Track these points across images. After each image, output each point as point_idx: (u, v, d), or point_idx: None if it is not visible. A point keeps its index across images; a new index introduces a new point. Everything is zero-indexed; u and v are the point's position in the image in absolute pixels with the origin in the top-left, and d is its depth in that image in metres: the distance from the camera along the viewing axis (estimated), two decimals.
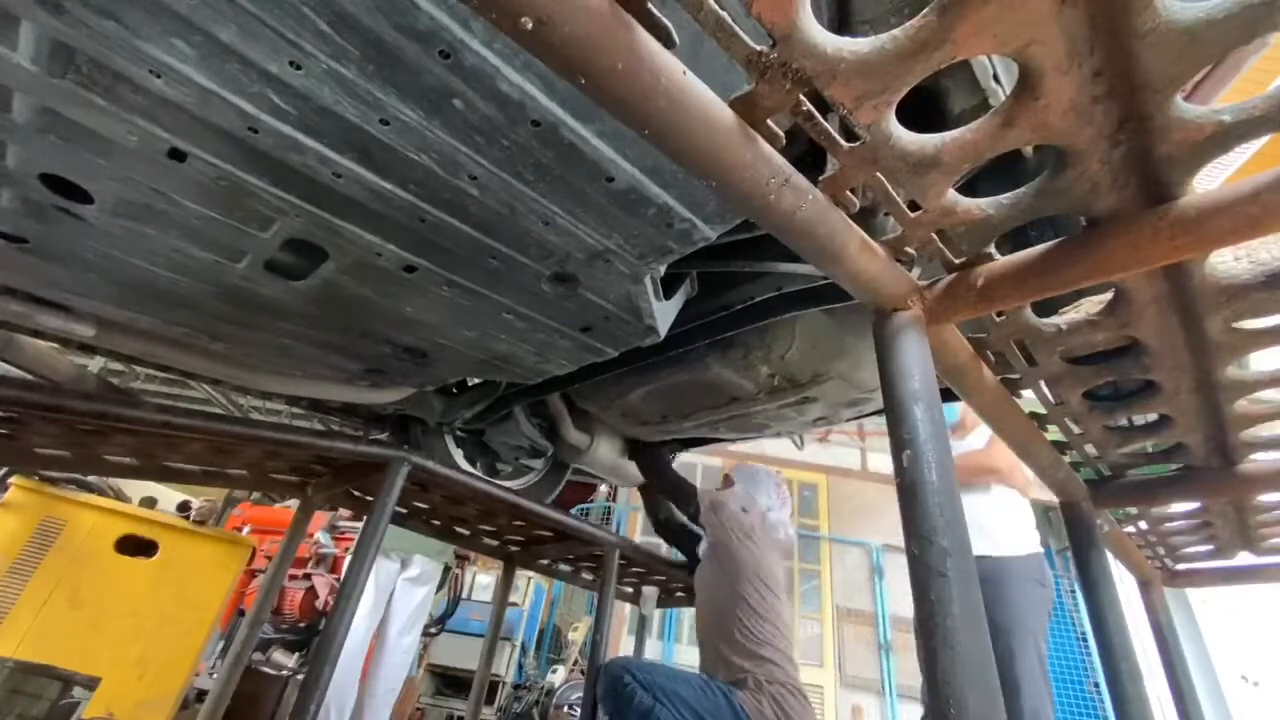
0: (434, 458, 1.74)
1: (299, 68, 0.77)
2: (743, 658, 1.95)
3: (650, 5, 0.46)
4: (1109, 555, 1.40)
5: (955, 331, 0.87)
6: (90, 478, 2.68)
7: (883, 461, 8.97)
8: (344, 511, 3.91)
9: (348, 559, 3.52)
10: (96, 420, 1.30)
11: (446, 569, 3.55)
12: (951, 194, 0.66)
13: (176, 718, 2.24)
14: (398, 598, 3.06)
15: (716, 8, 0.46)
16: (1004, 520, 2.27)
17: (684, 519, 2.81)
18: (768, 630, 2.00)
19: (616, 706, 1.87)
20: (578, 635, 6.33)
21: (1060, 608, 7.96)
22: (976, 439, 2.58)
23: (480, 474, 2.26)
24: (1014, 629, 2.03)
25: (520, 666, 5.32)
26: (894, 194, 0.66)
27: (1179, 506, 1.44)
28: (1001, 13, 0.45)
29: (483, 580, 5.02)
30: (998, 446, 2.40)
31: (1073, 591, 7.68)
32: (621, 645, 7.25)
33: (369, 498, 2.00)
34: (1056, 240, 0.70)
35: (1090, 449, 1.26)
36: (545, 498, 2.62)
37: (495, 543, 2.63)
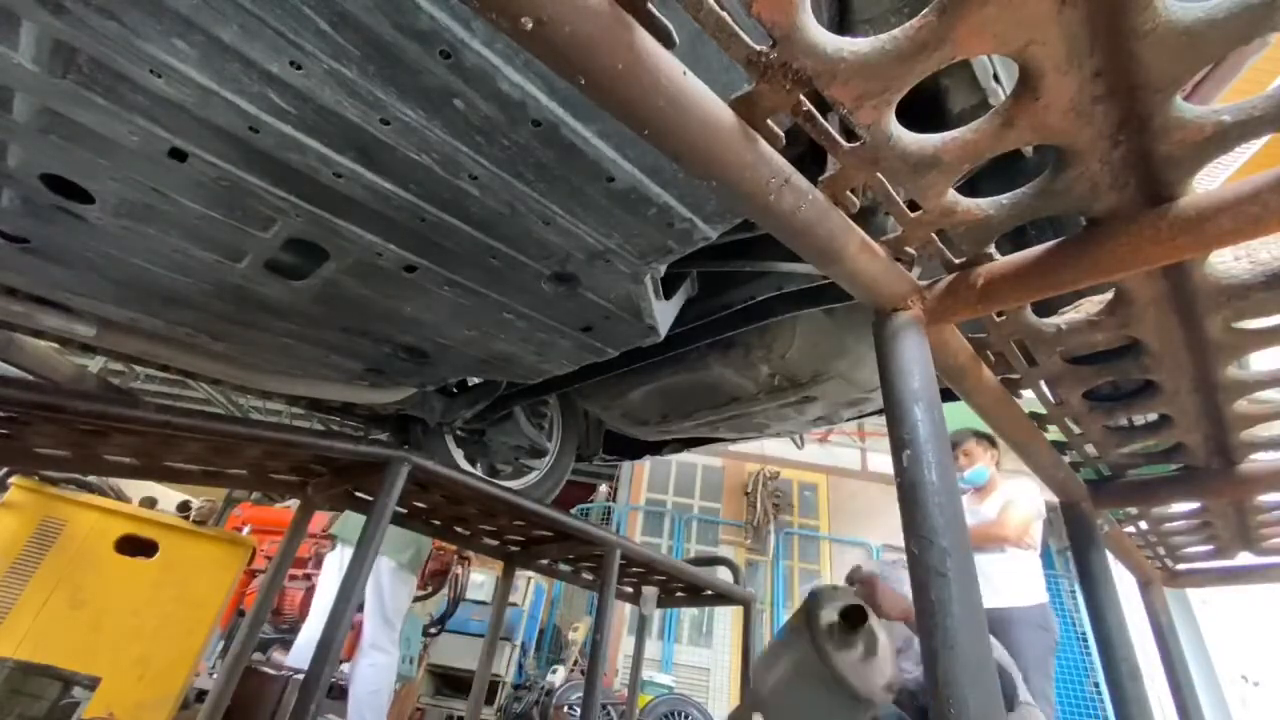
0: (434, 458, 1.73)
1: (300, 68, 0.77)
2: None
3: (650, 5, 0.46)
4: (1109, 555, 1.40)
5: (955, 331, 0.87)
6: (90, 478, 2.68)
7: (883, 461, 8.97)
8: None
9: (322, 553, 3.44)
10: (96, 420, 1.29)
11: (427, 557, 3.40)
12: (951, 194, 0.66)
13: (176, 718, 2.24)
14: (368, 590, 2.89)
15: (716, 8, 0.46)
16: (1011, 577, 2.80)
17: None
18: None
19: None
20: (578, 635, 6.33)
21: (1060, 608, 7.97)
22: (991, 505, 3.02)
23: (480, 474, 2.26)
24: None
25: (520, 666, 5.31)
26: (894, 194, 0.66)
27: (1179, 506, 1.44)
28: (1001, 13, 0.45)
29: (476, 579, 4.80)
30: (1008, 515, 2.88)
31: (1073, 591, 7.68)
32: (622, 645, 7.26)
33: (369, 498, 1.99)
34: (1056, 240, 0.70)
35: (1090, 449, 1.26)
36: (546, 497, 2.61)
37: (495, 543, 2.62)
